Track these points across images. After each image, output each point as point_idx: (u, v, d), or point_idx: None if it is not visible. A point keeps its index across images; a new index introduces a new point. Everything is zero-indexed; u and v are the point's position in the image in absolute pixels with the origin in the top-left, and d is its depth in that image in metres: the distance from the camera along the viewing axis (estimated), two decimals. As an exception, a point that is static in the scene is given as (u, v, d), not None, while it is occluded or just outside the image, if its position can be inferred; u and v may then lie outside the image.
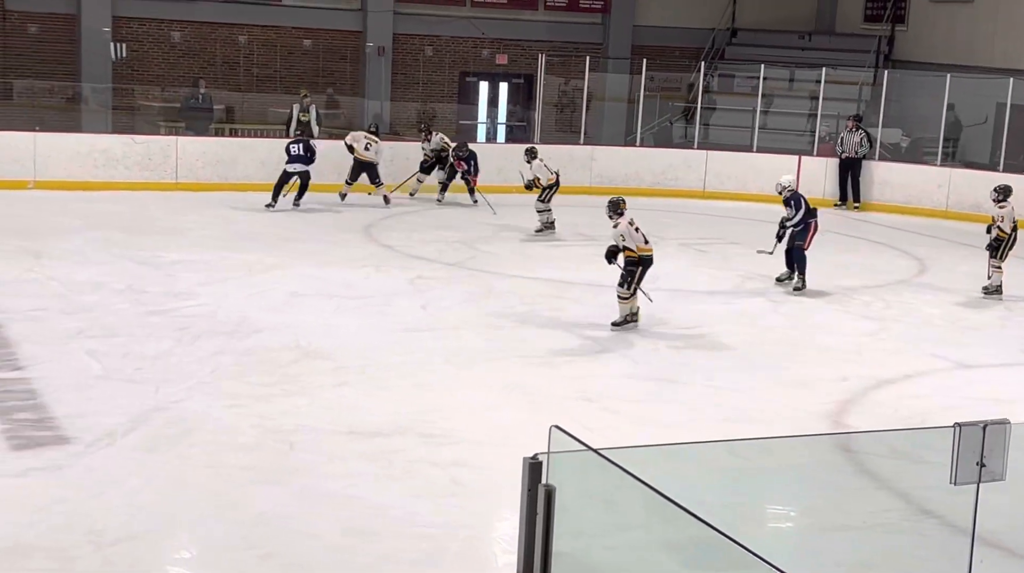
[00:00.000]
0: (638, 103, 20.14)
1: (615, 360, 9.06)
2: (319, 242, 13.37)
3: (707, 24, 23.70)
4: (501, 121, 23.91)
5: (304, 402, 7.60)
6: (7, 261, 11.17)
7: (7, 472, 6.11)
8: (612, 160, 19.24)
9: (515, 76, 23.20)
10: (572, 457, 2.86)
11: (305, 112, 18.27)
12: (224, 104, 19.88)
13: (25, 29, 19.46)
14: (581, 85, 20.28)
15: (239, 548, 5.45)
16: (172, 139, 16.98)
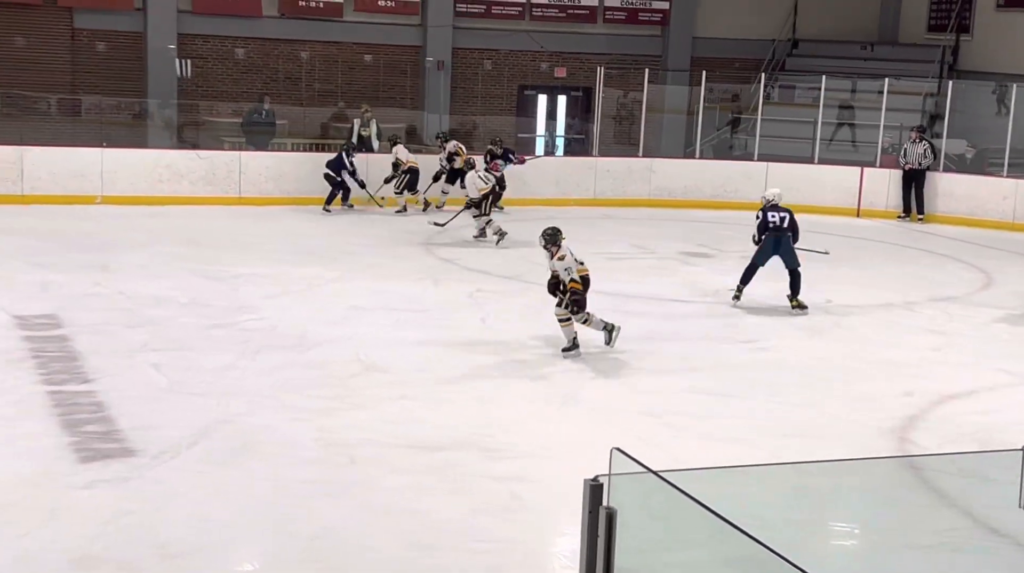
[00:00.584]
0: (697, 115, 20.05)
1: (677, 374, 9.00)
2: (379, 256, 13.46)
3: (767, 35, 23.56)
4: (560, 134, 23.93)
5: (365, 416, 7.65)
6: (76, 275, 11.38)
7: (75, 484, 6.22)
8: (671, 172, 19.18)
9: (574, 89, 23.21)
10: (633, 478, 2.85)
11: (366, 126, 18.44)
12: (286, 119, 20.13)
13: (93, 47, 19.85)
14: (639, 97, 20.24)
15: (301, 561, 5.50)
16: (236, 154, 17.23)
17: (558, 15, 22.73)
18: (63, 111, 19.32)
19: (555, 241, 9.46)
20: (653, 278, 12.98)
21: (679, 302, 11.63)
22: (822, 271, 12.36)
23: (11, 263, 11.81)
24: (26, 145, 16.06)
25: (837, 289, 12.56)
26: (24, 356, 8.53)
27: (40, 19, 19.50)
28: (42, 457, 6.58)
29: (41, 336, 9.10)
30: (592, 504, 2.86)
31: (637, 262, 14.02)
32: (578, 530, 5.82)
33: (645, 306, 11.35)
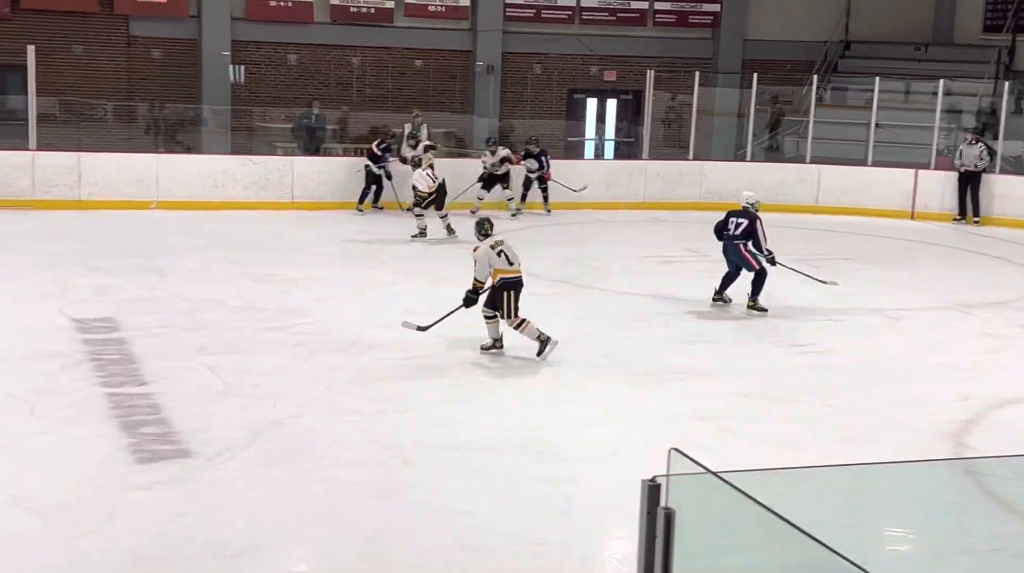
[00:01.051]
0: (749, 117, 19.94)
1: (729, 378, 8.96)
2: (430, 260, 13.52)
3: (820, 37, 23.39)
4: (609, 138, 23.91)
5: (417, 418, 7.69)
6: (133, 279, 11.55)
7: (133, 485, 6.31)
8: (722, 175, 19.09)
9: (623, 92, 23.19)
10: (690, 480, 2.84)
11: (416, 131, 18.53)
12: (337, 124, 20.29)
13: (149, 54, 20.15)
14: (688, 100, 20.18)
15: (355, 562, 5.54)
16: (288, 159, 17.40)
17: (608, 18, 22.72)
18: (119, 118, 19.61)
19: (481, 230, 9.37)
20: (704, 281, 12.90)
21: (731, 305, 11.56)
22: (876, 274, 12.23)
23: (69, 267, 12.02)
24: (83, 151, 16.31)
25: (891, 292, 12.44)
26: (83, 359, 8.67)
27: (97, 27, 19.84)
28: (101, 458, 6.68)
29: (99, 339, 9.24)
30: (650, 504, 2.85)
31: (688, 265, 13.97)
32: (631, 533, 5.82)
33: (695, 309, 11.31)
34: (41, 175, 15.74)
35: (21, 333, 9.26)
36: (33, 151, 15.81)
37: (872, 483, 4.57)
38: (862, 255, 15.02)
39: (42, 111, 16.70)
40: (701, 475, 2.81)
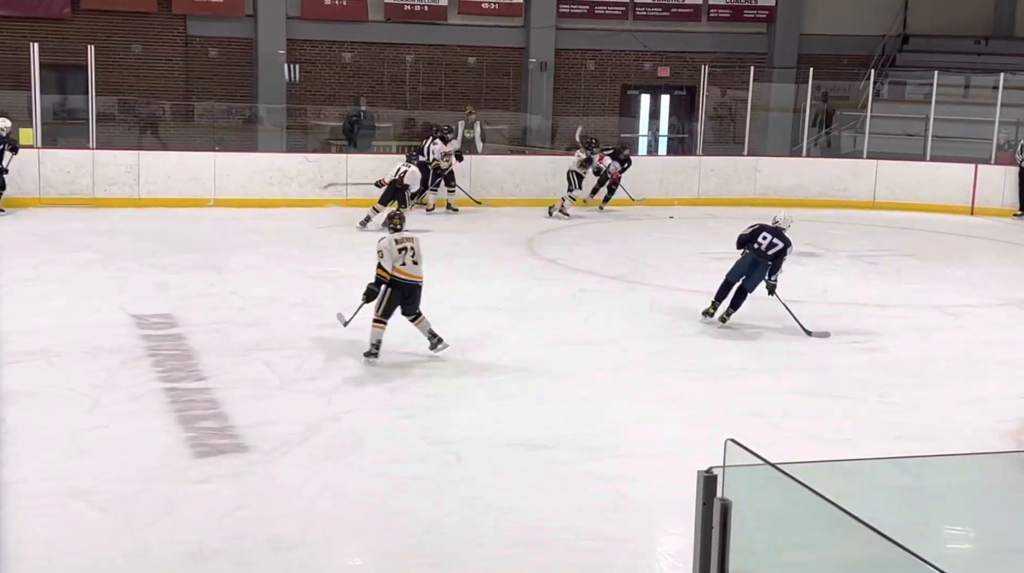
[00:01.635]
0: (804, 113, 19.76)
1: (782, 375, 8.89)
2: (482, 256, 13.56)
3: (877, 31, 23.11)
4: (663, 133, 23.81)
5: (469, 414, 7.72)
6: (191, 276, 11.71)
7: (191, 478, 6.40)
8: (777, 171, 18.95)
9: (677, 88, 23.08)
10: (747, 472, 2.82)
11: (470, 129, 18.59)
12: (391, 122, 20.40)
13: (206, 53, 20.39)
14: (742, 96, 20.04)
15: (408, 556, 5.57)
16: (343, 157, 17.53)
17: (661, 14, 22.62)
18: (177, 117, 19.88)
19: (389, 223, 9.17)
20: (759, 278, 12.82)
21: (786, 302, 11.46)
22: (935, 270, 12.07)
23: (128, 264, 12.20)
24: (142, 150, 16.56)
25: (949, 289, 12.28)
26: (142, 354, 8.80)
27: (155, 27, 20.11)
28: (160, 452, 6.78)
29: (158, 335, 9.38)
30: (706, 496, 2.84)
31: (742, 262, 13.86)
32: (685, 530, 5.80)
33: (750, 306, 11.22)
34: (101, 174, 15.99)
35: (82, 329, 9.42)
36: (93, 150, 16.07)
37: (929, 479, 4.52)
38: (920, 251, 14.84)
39: (102, 111, 16.97)
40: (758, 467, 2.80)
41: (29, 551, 5.42)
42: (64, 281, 11.41)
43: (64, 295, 10.73)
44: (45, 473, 6.35)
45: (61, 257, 12.52)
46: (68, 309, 10.18)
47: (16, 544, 5.48)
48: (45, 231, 14.12)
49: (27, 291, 10.86)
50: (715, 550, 2.83)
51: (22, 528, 5.67)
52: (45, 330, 9.35)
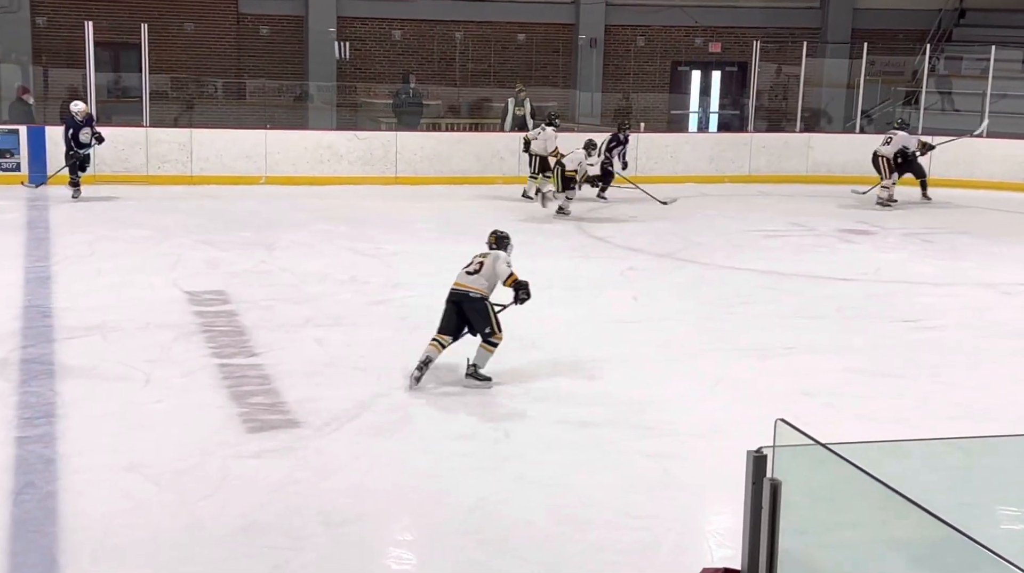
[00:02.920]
0: (858, 88, 19.50)
1: (835, 354, 8.81)
2: (531, 234, 13.53)
3: (933, 5, 22.72)
4: (713, 110, 23.61)
5: (518, 391, 7.73)
6: (242, 253, 11.82)
7: (244, 453, 6.47)
8: (830, 147, 18.73)
9: (728, 64, 22.86)
10: (797, 452, 2.81)
11: (520, 106, 18.55)
12: (440, 99, 20.41)
13: (257, 31, 20.51)
14: (795, 72, 19.81)
15: (457, 532, 5.60)
16: (392, 134, 17.58)
17: (713, -11, 22.39)
18: (229, 94, 20.02)
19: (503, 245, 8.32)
20: (810, 256, 12.72)
21: (838, 280, 11.37)
22: (990, 248, 11.88)
23: (181, 241, 12.34)
24: (195, 128, 16.71)
25: (1005, 267, 12.09)
26: (195, 330, 8.91)
27: (207, 5, 20.25)
28: (213, 427, 6.86)
29: (210, 311, 9.49)
30: (755, 475, 2.82)
31: (794, 239, 13.75)
32: (733, 509, 5.77)
33: (802, 285, 11.14)
34: (154, 151, 16.16)
35: (136, 305, 9.55)
36: (147, 127, 16.24)
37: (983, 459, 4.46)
38: (975, 229, 14.62)
39: (155, 88, 17.13)
40: (808, 447, 2.78)
41: (86, 523, 5.51)
42: (118, 258, 11.56)
43: (118, 271, 10.88)
44: (101, 447, 6.46)
45: (115, 234, 12.68)
46: (122, 285, 10.31)
47: (73, 516, 5.58)
48: (99, 208, 14.31)
49: (82, 267, 11.02)
50: (764, 530, 2.81)
51: (79, 501, 5.77)
52: (100, 306, 9.48)
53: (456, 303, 7.83)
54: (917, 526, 2.61)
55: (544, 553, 5.40)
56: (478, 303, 7.77)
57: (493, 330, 7.74)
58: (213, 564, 5.15)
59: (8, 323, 8.95)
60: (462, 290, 7.85)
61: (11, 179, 15.60)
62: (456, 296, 7.84)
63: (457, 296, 7.84)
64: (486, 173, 17.05)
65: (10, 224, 13.20)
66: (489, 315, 7.78)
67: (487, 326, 7.75)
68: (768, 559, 2.80)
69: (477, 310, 7.77)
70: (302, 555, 5.27)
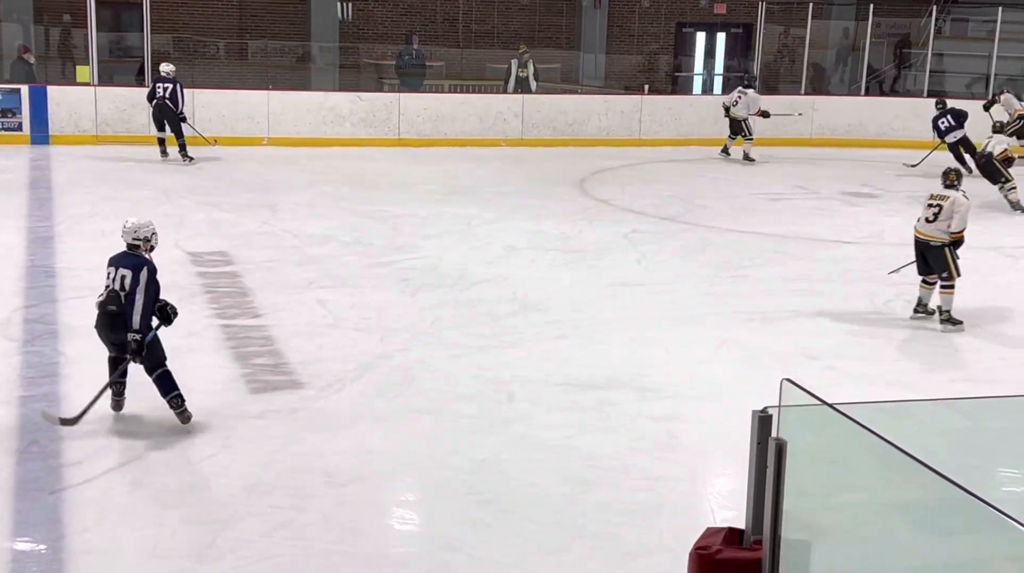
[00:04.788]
0: (863, 51, 19.37)
1: (838, 317, 8.81)
2: (534, 196, 13.52)
3: (940, -35, 22.50)
4: (718, 72, 23.46)
5: (522, 354, 7.74)
6: (245, 214, 11.80)
7: (248, 414, 6.49)
8: (835, 110, 18.62)
9: (734, 26, 22.68)
10: (802, 412, 2.81)
11: (523, 67, 18.44)
12: (443, 60, 20.28)
13: (260, -9, 20.38)
14: (801, 34, 19.67)
15: (460, 493, 5.63)
16: (395, 96, 17.47)
17: (718, -51, 22.20)
18: (231, 55, 19.91)
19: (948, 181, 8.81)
20: (814, 219, 12.70)
21: (841, 243, 11.36)
22: (997, 213, 11.82)
23: (184, 202, 12.32)
24: (197, 88, 16.61)
25: (1010, 230, 12.06)
26: (198, 291, 8.91)
27: (209, -36, 20.10)
28: (216, 388, 6.88)
29: (213, 272, 9.49)
30: (761, 435, 2.83)
31: (798, 203, 13.72)
32: (735, 470, 5.79)
33: (805, 248, 11.13)
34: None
35: (139, 266, 9.54)
36: (148, 88, 16.15)
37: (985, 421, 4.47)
38: (981, 192, 14.57)
39: (157, 48, 17.04)
40: (812, 407, 2.78)
41: (91, 482, 5.54)
42: (121, 218, 11.41)
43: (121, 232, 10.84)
44: (104, 407, 6.47)
45: (118, 194, 12.65)
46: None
47: (77, 476, 5.61)
48: (102, 169, 14.27)
49: (85, 227, 11.00)
50: (769, 490, 2.82)
51: (82, 460, 5.79)
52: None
53: (920, 250, 8.66)
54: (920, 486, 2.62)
55: (547, 513, 5.43)
56: (937, 251, 8.51)
57: (951, 274, 8.48)
58: (217, 523, 5.18)
59: (12, 283, 8.96)
60: (923, 239, 8.61)
61: (13, 139, 15.55)
62: (919, 244, 8.64)
63: (920, 244, 8.64)
64: (489, 135, 16.97)
65: (13, 184, 13.17)
66: (947, 260, 8.48)
67: (944, 270, 8.48)
68: (773, 519, 2.81)
69: (936, 257, 8.53)
70: (306, 514, 5.30)
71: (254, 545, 5.02)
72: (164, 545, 4.99)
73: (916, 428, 3.85)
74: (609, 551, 5.08)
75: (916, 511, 2.90)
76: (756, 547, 3.06)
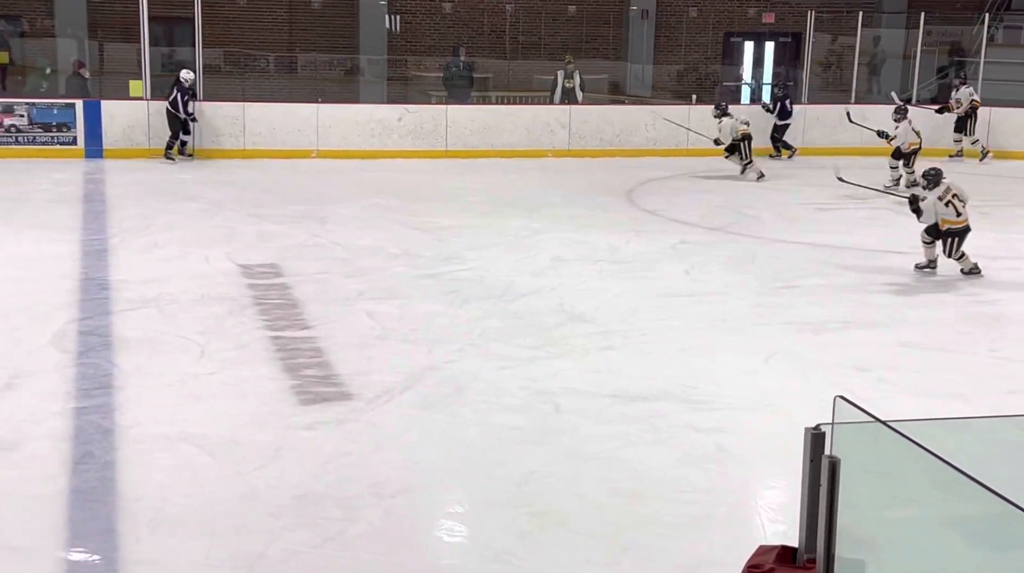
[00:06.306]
0: (914, 59, 19.18)
1: (889, 329, 8.71)
2: (581, 207, 13.51)
3: (992, -27, 22.26)
4: (766, 82, 23.35)
5: (569, 365, 7.73)
6: (295, 226, 11.91)
7: (298, 425, 6.54)
8: (885, 119, 18.43)
9: (782, 35, 22.58)
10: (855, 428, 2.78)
11: (569, 78, 18.46)
12: (491, 72, 20.36)
13: (309, 5, 20.56)
14: (850, 42, 19.52)
15: (509, 504, 5.62)
16: (442, 108, 17.56)
17: (766, -42, 22.10)
18: (281, 69, 20.12)
19: (937, 182, 10.09)
20: (865, 229, 12.58)
21: (893, 254, 11.24)
22: None
23: (234, 214, 12.45)
24: (247, 102, 16.81)
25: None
26: (248, 303, 8.99)
27: (259, -20, 20.32)
28: (266, 399, 6.93)
29: (263, 284, 9.57)
30: (814, 453, 2.80)
31: (848, 212, 13.60)
32: (786, 484, 5.75)
33: (856, 258, 11.02)
34: (208, 124, 16.28)
35: (191, 278, 9.66)
36: (200, 101, 16.36)
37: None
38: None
39: (208, 62, 17.25)
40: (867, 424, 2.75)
41: (144, 492, 5.60)
42: (173, 230, 11.69)
43: (173, 244, 11.00)
44: (158, 417, 6.55)
45: (170, 207, 12.82)
46: (177, 258, 10.43)
47: (132, 485, 5.68)
48: (155, 181, 14.47)
49: (138, 240, 11.16)
50: (823, 508, 2.79)
51: (137, 470, 5.86)
52: (156, 279, 9.61)
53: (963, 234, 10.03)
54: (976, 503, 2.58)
55: (595, 525, 5.41)
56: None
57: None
58: (268, 534, 5.22)
59: (66, 295, 9.10)
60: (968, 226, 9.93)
61: (68, 153, 15.80)
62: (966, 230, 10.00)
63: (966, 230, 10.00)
64: (536, 146, 16.99)
65: (67, 197, 13.39)
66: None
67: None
68: (827, 537, 2.78)
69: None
70: (354, 526, 5.32)
71: (304, 556, 5.05)
72: (216, 555, 5.03)
73: (971, 440, 3.80)
74: (659, 564, 5.05)
75: (971, 526, 2.86)
76: (809, 565, 3.03)
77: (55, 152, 15.79)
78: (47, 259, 10.26)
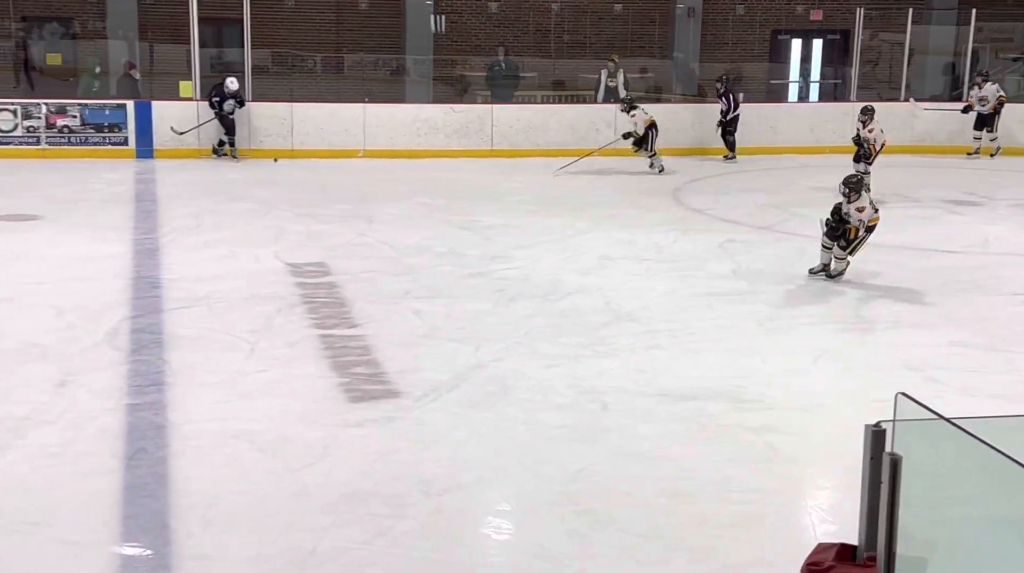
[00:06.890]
0: (965, 56, 18.94)
1: (941, 328, 8.62)
2: (627, 206, 13.48)
3: (1045, -33, 21.94)
4: (814, 79, 23.16)
5: (616, 364, 7.72)
6: (343, 225, 11.98)
7: (347, 422, 6.58)
8: (935, 117, 18.24)
9: (830, 32, 22.38)
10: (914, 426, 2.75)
11: (613, 77, 18.43)
12: (535, 71, 20.36)
13: (356, 5, 20.69)
14: (899, 39, 19.32)
15: (556, 503, 5.63)
16: (487, 107, 17.59)
17: (815, -44, 21.93)
18: (328, 69, 20.25)
19: (858, 190, 9.85)
20: (916, 228, 12.44)
21: (944, 253, 11.12)
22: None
23: (283, 214, 12.55)
24: (295, 102, 16.94)
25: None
26: (297, 301, 9.06)
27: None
28: (316, 397, 6.98)
29: (312, 283, 9.64)
30: (874, 450, 2.77)
31: (898, 211, 13.44)
32: (836, 484, 5.71)
33: (907, 257, 10.91)
34: (256, 124, 16.43)
35: (241, 276, 9.75)
36: (249, 102, 16.51)
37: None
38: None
39: (257, 63, 17.41)
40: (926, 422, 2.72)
41: (195, 488, 5.67)
42: (223, 230, 11.80)
43: (223, 244, 11.10)
44: (208, 414, 6.62)
45: (220, 207, 12.95)
46: (227, 257, 10.53)
47: (184, 481, 5.74)
48: (205, 181, 14.62)
49: (189, 239, 11.28)
50: (883, 505, 2.77)
51: (189, 466, 5.93)
52: (206, 277, 9.71)
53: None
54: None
55: (645, 525, 5.40)
56: None
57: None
58: (318, 530, 5.26)
59: (119, 294, 9.22)
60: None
61: (119, 153, 16.01)
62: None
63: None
64: (581, 145, 16.97)
65: (119, 197, 13.56)
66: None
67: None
68: (887, 535, 2.76)
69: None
70: (403, 523, 5.35)
71: (354, 553, 5.08)
72: (266, 552, 5.08)
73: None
74: (709, 564, 5.04)
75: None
76: (870, 563, 3.00)
77: (107, 152, 16.00)
78: (100, 259, 10.40)
